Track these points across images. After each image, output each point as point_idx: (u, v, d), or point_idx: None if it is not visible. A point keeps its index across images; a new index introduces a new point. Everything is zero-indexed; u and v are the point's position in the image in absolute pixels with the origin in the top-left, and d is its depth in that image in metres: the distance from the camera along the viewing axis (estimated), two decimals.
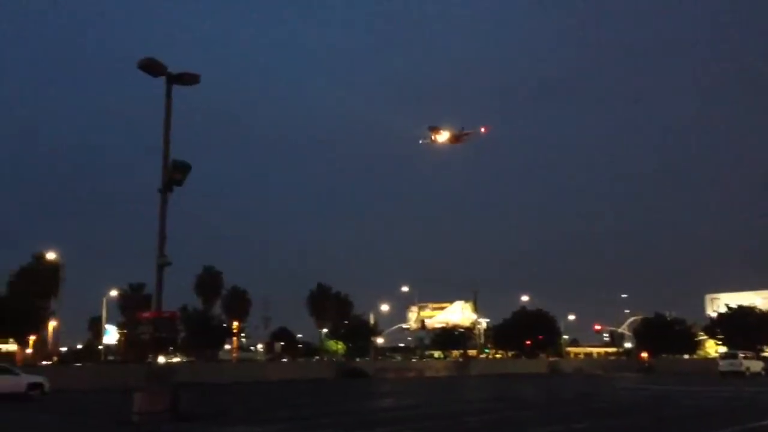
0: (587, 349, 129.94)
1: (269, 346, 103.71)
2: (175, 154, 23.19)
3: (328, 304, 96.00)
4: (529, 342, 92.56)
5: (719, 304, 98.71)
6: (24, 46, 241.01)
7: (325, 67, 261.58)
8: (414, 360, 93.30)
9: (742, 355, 64.98)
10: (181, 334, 69.86)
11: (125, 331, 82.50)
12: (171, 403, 21.57)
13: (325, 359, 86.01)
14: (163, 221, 22.95)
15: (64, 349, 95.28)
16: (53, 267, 72.20)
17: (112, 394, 32.80)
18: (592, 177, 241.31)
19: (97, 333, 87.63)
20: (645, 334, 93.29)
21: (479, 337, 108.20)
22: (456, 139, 79.46)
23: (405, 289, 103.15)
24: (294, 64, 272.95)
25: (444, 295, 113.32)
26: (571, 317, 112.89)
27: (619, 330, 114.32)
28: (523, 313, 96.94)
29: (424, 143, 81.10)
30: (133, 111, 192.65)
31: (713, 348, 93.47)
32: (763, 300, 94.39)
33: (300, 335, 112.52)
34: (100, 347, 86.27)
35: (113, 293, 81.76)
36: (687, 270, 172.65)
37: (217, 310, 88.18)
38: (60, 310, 77.31)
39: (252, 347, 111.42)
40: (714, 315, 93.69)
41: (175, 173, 22.85)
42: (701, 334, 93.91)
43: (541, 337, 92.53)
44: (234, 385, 48.27)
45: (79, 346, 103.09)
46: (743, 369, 61.98)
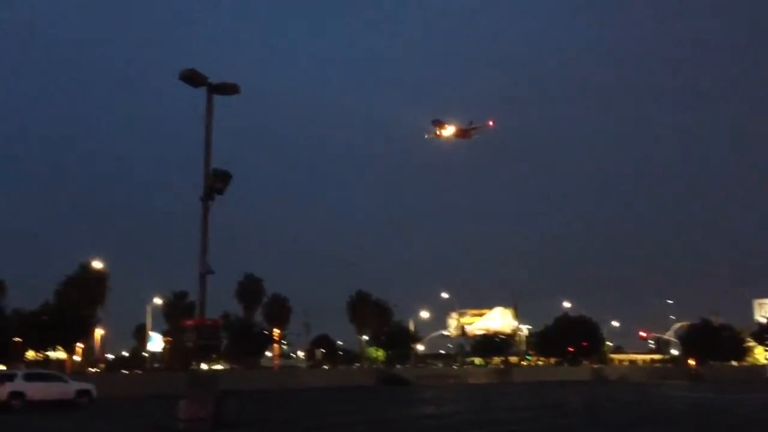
0: (632, 356, 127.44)
1: (310, 353, 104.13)
2: (217, 161, 23.46)
3: (368, 311, 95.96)
4: (572, 349, 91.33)
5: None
6: (64, 57, 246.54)
7: (370, 77, 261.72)
8: (455, 367, 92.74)
9: None
10: (224, 341, 70.51)
11: (169, 338, 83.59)
12: (215, 410, 21.76)
13: (365, 366, 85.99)
14: (205, 230, 23.22)
15: (110, 356, 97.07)
16: (99, 276, 73.55)
17: (157, 400, 33.28)
18: (638, 179, 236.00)
19: (142, 340, 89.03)
20: (691, 340, 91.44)
21: (520, 344, 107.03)
22: (463, 133, 77.68)
23: (444, 295, 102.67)
24: (337, 76, 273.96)
25: (483, 302, 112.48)
26: (615, 323, 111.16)
27: (665, 336, 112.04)
28: (565, 320, 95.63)
29: (429, 137, 79.38)
30: (175, 120, 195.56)
31: (762, 354, 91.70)
32: None
33: (340, 342, 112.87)
34: (145, 354, 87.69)
35: (157, 301, 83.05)
36: (734, 275, 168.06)
37: (258, 317, 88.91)
38: (106, 318, 78.74)
39: (293, 354, 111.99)
40: (763, 321, 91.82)
41: (216, 182, 23.14)
42: (749, 340, 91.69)
43: (584, 343, 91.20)
44: (275, 392, 48.59)
45: (124, 354, 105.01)
46: None
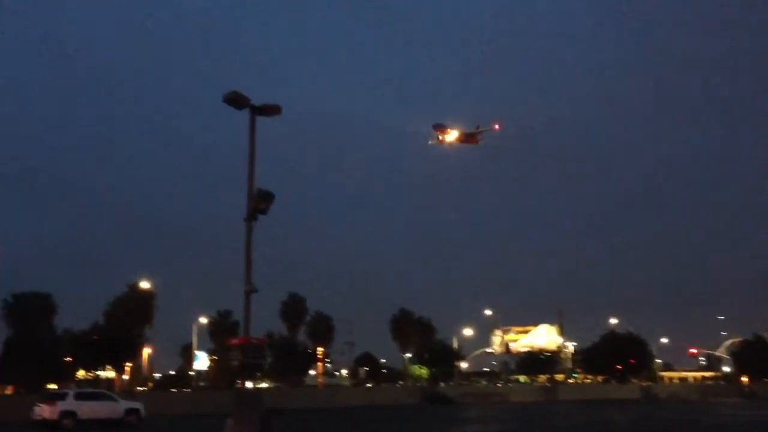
0: (682, 373, 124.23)
1: (353, 372, 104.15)
2: (262, 182, 23.69)
3: (411, 329, 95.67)
4: (619, 366, 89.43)
5: None
6: (121, 82, 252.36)
7: (409, 96, 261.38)
8: (499, 385, 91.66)
9: None
10: (268, 360, 71.06)
11: (215, 357, 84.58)
12: (261, 428, 21.87)
13: (409, 384, 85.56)
14: (249, 250, 23.52)
15: (157, 375, 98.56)
16: (147, 295, 74.98)
17: (203, 419, 33.66)
18: (685, 194, 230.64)
19: (188, 359, 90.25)
20: (744, 357, 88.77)
21: (566, 362, 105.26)
22: (468, 138, 75.37)
23: (488, 312, 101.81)
24: (379, 96, 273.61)
25: (527, 319, 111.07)
26: (664, 340, 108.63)
27: (716, 353, 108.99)
28: (612, 337, 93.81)
29: (432, 143, 76.61)
30: (222, 141, 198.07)
31: None
32: None
33: (383, 360, 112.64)
34: (192, 373, 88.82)
35: (202, 320, 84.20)
36: None
37: (301, 335, 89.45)
38: (153, 337, 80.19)
39: (336, 372, 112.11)
40: None
41: (259, 202, 23.47)
42: None
43: (632, 361, 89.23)
44: (320, 410, 48.71)
45: (171, 372, 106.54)
46: None
